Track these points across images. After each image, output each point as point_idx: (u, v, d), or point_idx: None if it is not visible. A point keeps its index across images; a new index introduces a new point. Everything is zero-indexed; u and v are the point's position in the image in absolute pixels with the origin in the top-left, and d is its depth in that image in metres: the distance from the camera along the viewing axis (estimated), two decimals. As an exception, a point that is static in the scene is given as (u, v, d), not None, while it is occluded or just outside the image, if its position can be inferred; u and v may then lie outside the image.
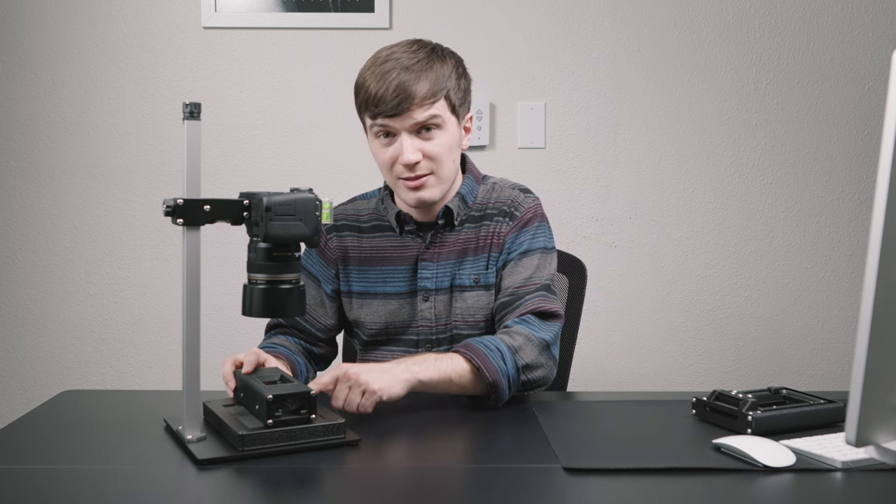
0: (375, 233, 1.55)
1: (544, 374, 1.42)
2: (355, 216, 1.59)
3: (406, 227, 1.52)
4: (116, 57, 2.44)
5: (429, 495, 1.00)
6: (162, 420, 1.24)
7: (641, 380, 2.49)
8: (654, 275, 2.49)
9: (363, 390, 1.24)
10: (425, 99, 1.41)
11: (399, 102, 1.40)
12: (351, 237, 1.56)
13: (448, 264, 1.51)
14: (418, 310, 1.51)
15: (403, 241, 1.53)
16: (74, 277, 2.49)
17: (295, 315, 1.18)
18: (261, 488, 1.01)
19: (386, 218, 1.55)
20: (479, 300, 1.50)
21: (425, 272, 1.51)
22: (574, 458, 1.08)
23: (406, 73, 1.41)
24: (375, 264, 1.53)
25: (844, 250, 2.51)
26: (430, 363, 1.32)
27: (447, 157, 1.46)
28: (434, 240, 1.52)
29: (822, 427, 1.22)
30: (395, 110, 1.40)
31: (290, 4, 2.41)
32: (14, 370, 2.52)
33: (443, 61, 1.46)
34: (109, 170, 2.47)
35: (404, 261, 1.52)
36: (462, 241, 1.52)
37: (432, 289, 1.51)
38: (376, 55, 1.48)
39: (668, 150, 2.47)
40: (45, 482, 1.01)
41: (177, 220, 1.10)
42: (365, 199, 1.62)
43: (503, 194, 1.55)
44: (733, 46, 2.45)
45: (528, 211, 1.52)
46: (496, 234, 1.52)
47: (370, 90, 1.42)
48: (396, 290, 1.52)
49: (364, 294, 1.54)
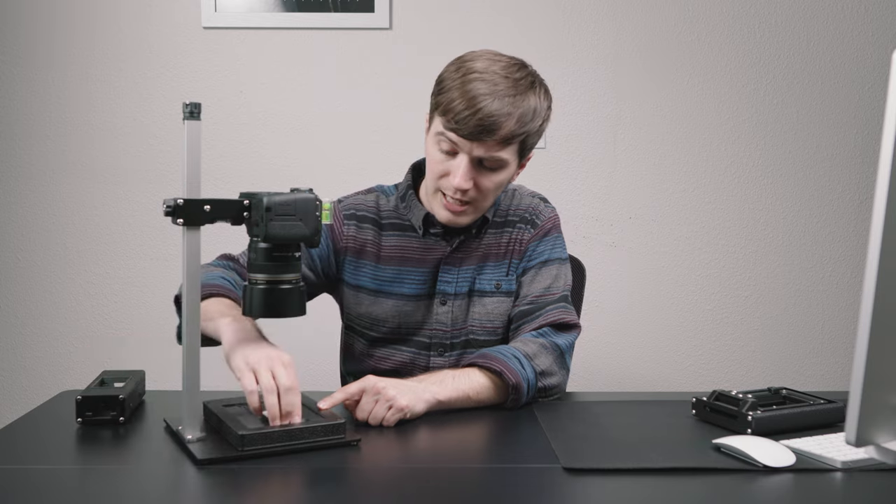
0: (395, 231, 1.51)
1: (558, 381, 1.42)
2: (375, 210, 1.53)
3: (432, 229, 1.49)
4: (116, 57, 2.44)
5: (428, 495, 1.00)
6: (162, 420, 1.23)
7: (641, 380, 2.49)
8: (654, 275, 2.49)
9: (390, 405, 1.24)
10: (505, 139, 1.34)
11: (478, 132, 1.32)
12: (371, 231, 1.51)
13: (469, 269, 1.50)
14: (434, 313, 1.49)
15: (426, 244, 1.50)
16: (74, 277, 2.49)
17: (295, 315, 1.17)
18: (261, 488, 1.01)
19: (406, 217, 1.51)
20: (500, 306, 1.50)
21: (447, 276, 1.49)
22: (574, 458, 1.08)
23: (498, 103, 1.31)
24: (394, 264, 1.50)
25: (844, 250, 2.51)
26: (448, 382, 1.31)
27: (494, 194, 1.43)
28: (460, 245, 1.49)
29: (822, 427, 1.22)
30: (473, 138, 1.33)
31: (290, 4, 2.41)
32: (14, 370, 2.52)
33: (538, 99, 1.38)
34: (109, 170, 2.47)
35: (426, 263, 1.49)
36: (484, 246, 1.51)
37: (451, 293, 1.49)
38: (470, 64, 1.36)
39: (668, 150, 2.47)
40: (45, 482, 1.01)
41: (177, 220, 1.09)
42: (384, 195, 1.55)
43: (524, 202, 1.54)
44: (733, 46, 2.45)
45: (548, 221, 1.53)
46: (518, 240, 1.51)
47: (454, 105, 1.32)
48: (414, 292, 1.49)
49: (378, 292, 1.50)
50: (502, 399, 1.35)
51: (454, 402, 1.31)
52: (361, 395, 1.26)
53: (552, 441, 1.16)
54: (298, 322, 1.22)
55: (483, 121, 1.31)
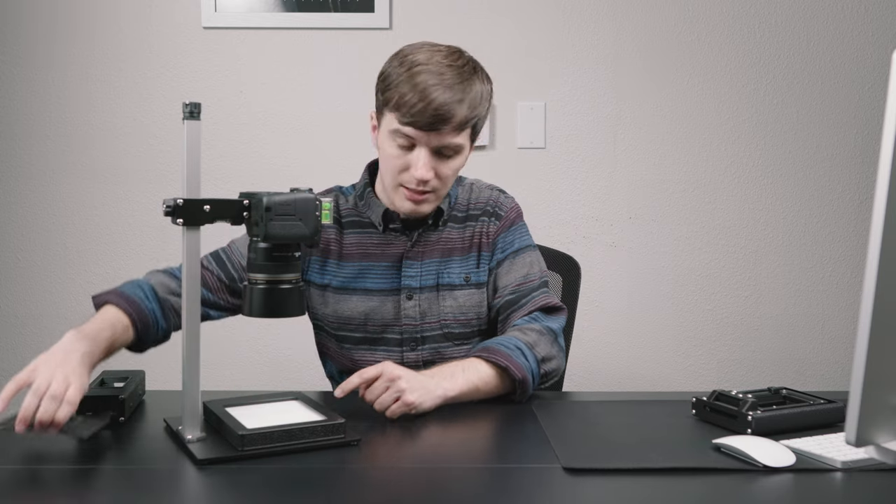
0: (355, 228, 1.53)
1: (557, 364, 1.46)
2: (335, 209, 1.55)
3: (391, 224, 1.51)
4: (116, 57, 2.44)
5: (429, 495, 1.00)
6: (162, 420, 1.23)
7: (641, 380, 2.49)
8: (654, 275, 2.49)
9: (398, 397, 1.25)
10: (459, 125, 1.38)
11: (434, 122, 1.36)
12: (333, 230, 1.53)
13: (432, 263, 1.52)
14: (402, 308, 1.50)
15: (387, 239, 1.52)
16: (74, 277, 2.49)
17: (295, 315, 1.17)
18: (261, 488, 1.01)
19: (366, 215, 1.53)
20: (472, 298, 1.52)
21: (410, 271, 1.50)
22: (574, 458, 1.08)
23: (448, 92, 1.35)
24: (356, 260, 1.51)
25: (844, 250, 2.51)
26: (458, 375, 1.33)
27: (452, 179, 1.47)
28: (419, 239, 1.51)
29: (822, 427, 1.22)
30: (429, 129, 1.37)
31: (290, 4, 2.41)
32: (14, 370, 2.51)
33: (481, 83, 1.42)
34: (109, 170, 2.47)
35: (387, 258, 1.51)
36: (445, 240, 1.53)
37: (417, 287, 1.50)
38: (412, 57, 1.39)
39: (668, 150, 2.47)
40: (45, 482, 1.01)
41: (177, 220, 1.10)
42: (343, 195, 1.58)
43: (482, 195, 1.57)
44: (733, 46, 2.45)
45: (511, 210, 1.57)
46: (483, 233, 1.54)
47: (407, 100, 1.36)
48: (377, 287, 1.51)
49: (342, 289, 1.51)
50: (509, 390, 1.38)
51: (464, 396, 1.33)
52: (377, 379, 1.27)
53: (552, 441, 1.16)
54: (298, 322, 1.22)
55: (438, 110, 1.35)
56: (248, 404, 1.25)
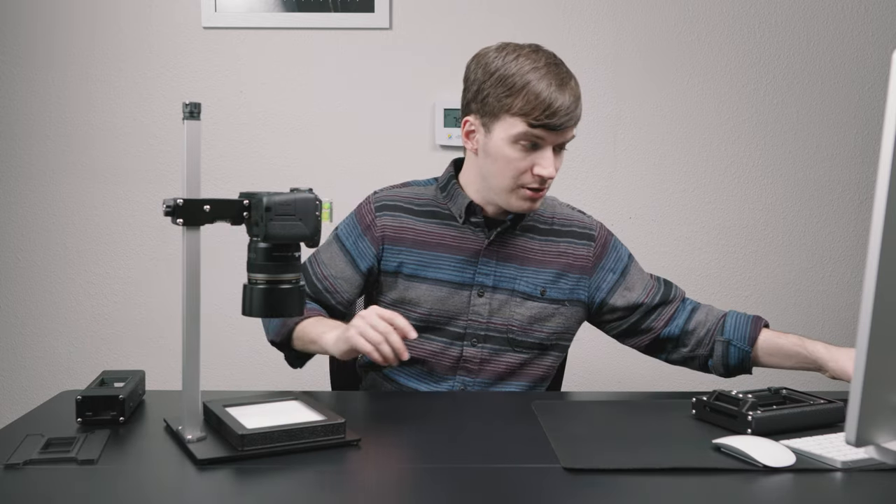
0: (431, 218, 1.53)
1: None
2: (410, 198, 1.55)
3: (473, 217, 1.51)
4: (116, 57, 2.44)
5: (428, 495, 1.00)
6: (162, 420, 1.23)
7: (641, 380, 2.49)
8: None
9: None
10: (578, 121, 1.42)
11: (566, 122, 1.39)
12: (407, 218, 1.53)
13: (509, 267, 1.52)
14: (471, 304, 1.50)
15: (464, 232, 1.52)
16: (74, 277, 2.49)
17: (294, 315, 1.17)
18: (261, 488, 1.01)
19: (446, 206, 1.53)
20: (543, 311, 1.52)
21: (485, 268, 1.51)
22: (574, 458, 1.08)
23: (568, 92, 1.39)
24: (431, 249, 1.51)
25: (844, 250, 2.51)
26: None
27: None
28: (496, 238, 1.51)
29: (822, 427, 1.22)
30: (566, 124, 1.39)
31: (290, 4, 2.41)
32: (14, 370, 2.52)
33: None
34: (109, 170, 2.47)
35: (463, 251, 1.51)
36: (523, 247, 1.53)
37: (490, 286, 1.51)
38: (523, 59, 1.40)
39: (668, 150, 2.48)
40: (45, 482, 1.01)
41: (177, 220, 1.09)
42: (420, 186, 1.58)
43: (563, 211, 1.60)
44: (733, 46, 2.45)
45: (601, 230, 1.61)
46: (574, 255, 1.56)
47: (551, 99, 1.37)
48: (448, 278, 1.50)
49: (413, 276, 1.51)
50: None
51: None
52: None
53: (552, 441, 1.16)
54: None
55: (567, 111, 1.38)
56: (248, 404, 1.25)
